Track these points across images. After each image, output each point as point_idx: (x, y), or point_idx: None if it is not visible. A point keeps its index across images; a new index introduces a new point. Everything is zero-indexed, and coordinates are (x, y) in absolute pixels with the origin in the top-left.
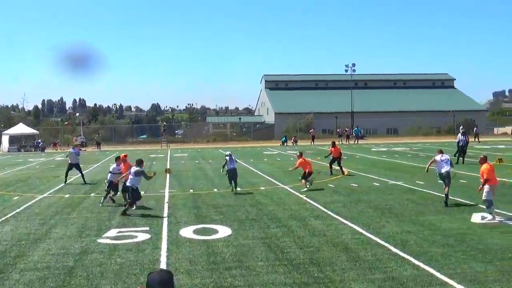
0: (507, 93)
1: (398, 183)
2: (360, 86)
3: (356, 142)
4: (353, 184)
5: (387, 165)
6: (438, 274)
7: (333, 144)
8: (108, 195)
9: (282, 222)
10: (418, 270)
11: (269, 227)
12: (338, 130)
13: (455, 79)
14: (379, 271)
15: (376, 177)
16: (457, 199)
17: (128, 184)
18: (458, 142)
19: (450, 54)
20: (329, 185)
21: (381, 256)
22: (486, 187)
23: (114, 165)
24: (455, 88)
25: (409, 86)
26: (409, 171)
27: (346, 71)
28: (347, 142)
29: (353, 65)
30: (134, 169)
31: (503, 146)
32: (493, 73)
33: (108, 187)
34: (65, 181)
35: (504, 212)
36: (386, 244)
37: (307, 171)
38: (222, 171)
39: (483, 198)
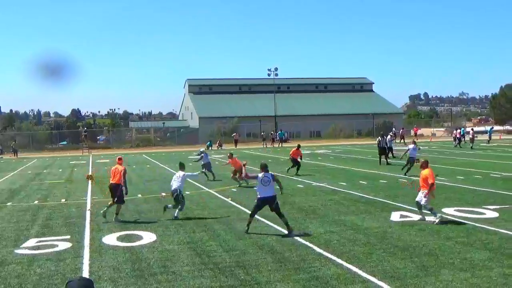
0: (422, 97)
1: (322, 184)
2: (283, 90)
3: (280, 146)
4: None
5: (311, 167)
6: (360, 272)
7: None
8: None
9: (207, 226)
10: (341, 269)
11: (195, 232)
12: (262, 133)
13: (373, 83)
14: (304, 271)
15: (300, 179)
16: (378, 199)
17: (176, 187)
18: (378, 144)
19: (369, 58)
20: (254, 188)
21: (306, 257)
22: (424, 192)
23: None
24: (374, 92)
25: (330, 90)
26: (332, 173)
27: (269, 75)
28: (272, 146)
29: (276, 69)
30: (182, 173)
31: (419, 147)
32: (409, 77)
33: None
34: None
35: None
36: (311, 245)
37: (238, 168)
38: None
39: (423, 203)
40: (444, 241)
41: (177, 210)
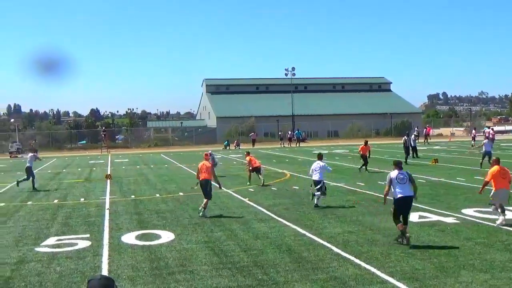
0: (440, 96)
1: (340, 184)
2: (300, 90)
3: (297, 145)
4: (295, 187)
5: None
6: (378, 273)
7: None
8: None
9: (225, 226)
10: (360, 269)
11: (213, 231)
12: (280, 133)
13: (391, 83)
14: (322, 271)
15: None
16: None
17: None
18: (404, 144)
19: (387, 58)
20: (272, 188)
21: (323, 257)
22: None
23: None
24: (392, 91)
25: (347, 90)
26: (350, 172)
27: (286, 75)
28: (289, 145)
29: (293, 69)
30: (322, 164)
31: (438, 147)
32: (427, 77)
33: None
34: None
35: (439, 211)
36: (329, 245)
37: (255, 166)
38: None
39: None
40: (464, 242)
41: (319, 199)
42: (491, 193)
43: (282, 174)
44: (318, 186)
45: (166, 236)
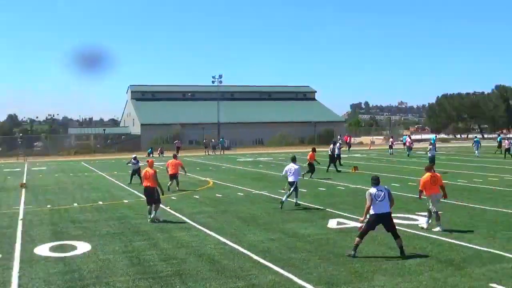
0: (363, 105)
1: (263, 192)
2: (227, 98)
3: (222, 153)
4: (219, 195)
5: (253, 175)
6: (296, 279)
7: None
8: None
9: (146, 235)
10: (278, 276)
11: (132, 241)
12: (204, 141)
13: (316, 92)
14: (241, 279)
15: (241, 187)
16: (318, 206)
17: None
18: (331, 151)
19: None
20: (195, 196)
21: (243, 265)
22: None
23: None
24: (316, 100)
25: (273, 98)
26: (273, 180)
27: (213, 82)
28: (214, 153)
29: (220, 76)
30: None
31: (358, 155)
32: (351, 86)
33: None
34: None
35: (357, 217)
36: (249, 253)
37: (170, 174)
38: None
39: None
40: (378, 247)
41: (287, 197)
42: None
43: (206, 182)
44: (293, 187)
45: (82, 247)
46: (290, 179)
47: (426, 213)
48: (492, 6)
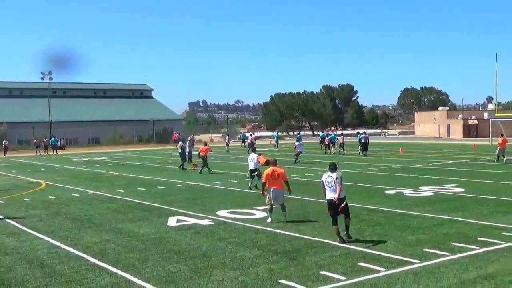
0: (201, 104)
1: (99, 192)
2: (58, 95)
3: (55, 153)
4: (51, 197)
5: (88, 175)
6: (135, 279)
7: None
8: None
9: None
10: (116, 278)
11: None
12: (35, 140)
13: (153, 90)
14: (76, 283)
15: (76, 188)
16: (156, 204)
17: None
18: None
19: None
20: (25, 199)
21: (78, 268)
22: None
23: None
24: (154, 98)
25: (109, 96)
26: (110, 180)
27: (43, 79)
28: (46, 153)
29: (50, 72)
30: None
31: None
32: (189, 85)
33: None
34: None
35: (196, 214)
36: (85, 255)
37: None
38: None
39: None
40: (217, 243)
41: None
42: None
43: (37, 184)
44: (255, 173)
45: None
46: (251, 166)
47: (266, 207)
48: (319, 11)
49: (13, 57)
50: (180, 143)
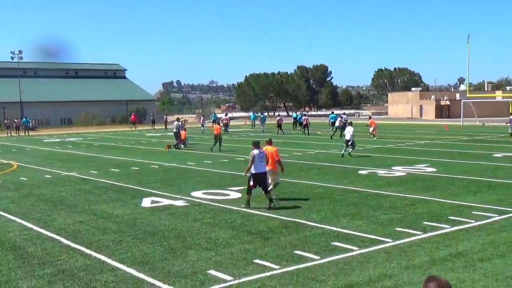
0: (175, 84)
1: (72, 174)
2: (29, 75)
3: (26, 134)
4: (23, 178)
5: (61, 156)
6: (109, 260)
7: None
8: None
9: None
10: (90, 259)
11: None
12: (6, 121)
13: (126, 70)
14: (49, 265)
15: (49, 169)
16: (130, 185)
17: None
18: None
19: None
20: None
21: (51, 250)
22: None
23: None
24: (127, 79)
25: (81, 76)
26: (83, 161)
27: (13, 58)
28: (17, 134)
29: (20, 52)
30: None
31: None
32: (162, 65)
33: None
34: None
35: (171, 195)
36: (58, 237)
37: None
38: None
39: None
40: (192, 223)
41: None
42: None
43: (9, 165)
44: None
45: None
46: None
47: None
48: None
49: None
50: (175, 122)
